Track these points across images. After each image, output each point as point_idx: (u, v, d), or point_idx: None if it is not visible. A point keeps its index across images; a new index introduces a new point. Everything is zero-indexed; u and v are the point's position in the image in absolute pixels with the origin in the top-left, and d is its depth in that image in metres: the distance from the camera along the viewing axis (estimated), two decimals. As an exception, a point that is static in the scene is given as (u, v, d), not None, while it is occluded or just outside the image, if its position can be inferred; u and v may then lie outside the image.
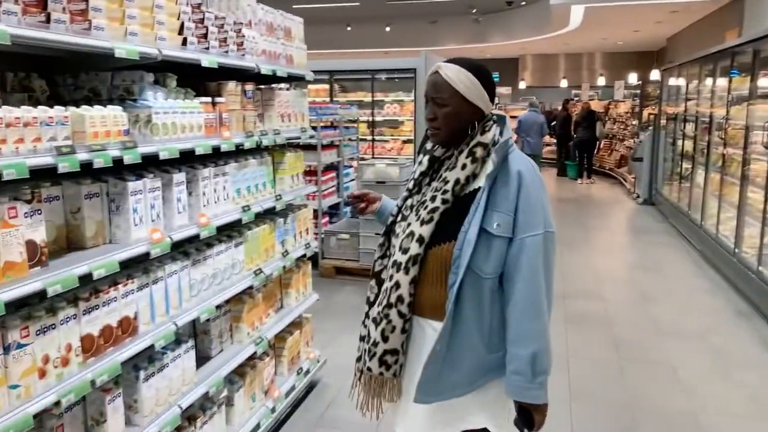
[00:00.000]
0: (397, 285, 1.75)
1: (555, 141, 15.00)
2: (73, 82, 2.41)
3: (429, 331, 1.79)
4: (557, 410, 3.65)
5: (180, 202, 2.49)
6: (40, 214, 1.85)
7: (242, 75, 2.97)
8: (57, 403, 1.87)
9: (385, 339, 1.78)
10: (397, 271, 1.75)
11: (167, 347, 2.43)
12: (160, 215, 2.36)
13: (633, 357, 4.45)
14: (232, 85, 2.85)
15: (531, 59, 21.12)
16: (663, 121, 10.92)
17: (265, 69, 3.04)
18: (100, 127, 2.02)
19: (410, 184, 1.89)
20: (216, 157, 2.86)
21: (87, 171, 2.03)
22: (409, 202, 1.87)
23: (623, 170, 13.50)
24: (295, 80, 3.61)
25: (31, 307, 1.90)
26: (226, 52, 2.75)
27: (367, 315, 1.90)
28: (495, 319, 1.75)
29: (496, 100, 6.61)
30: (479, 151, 1.76)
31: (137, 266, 2.35)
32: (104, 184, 2.21)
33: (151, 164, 2.41)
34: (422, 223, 1.75)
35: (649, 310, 5.48)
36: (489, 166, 1.75)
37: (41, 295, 1.83)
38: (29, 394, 1.80)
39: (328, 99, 8.86)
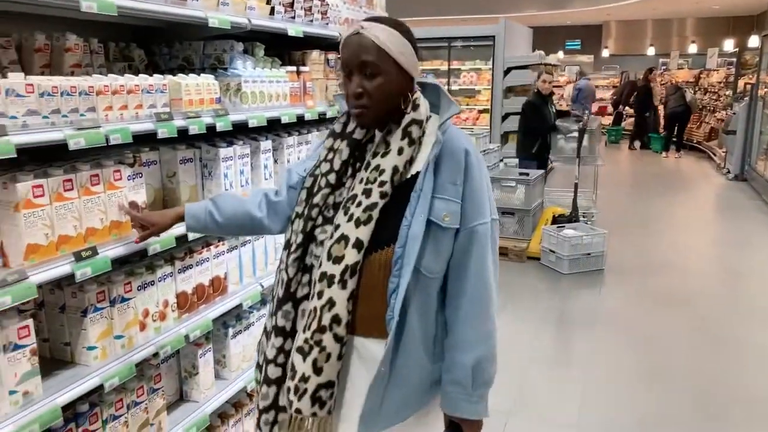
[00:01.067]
0: (331, 303, 1.43)
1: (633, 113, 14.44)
2: (168, 51, 2.51)
3: (363, 352, 1.50)
4: (636, 391, 3.57)
5: (266, 168, 2.57)
6: (141, 177, 1.97)
7: (325, 43, 3.00)
8: (155, 354, 2.00)
9: (318, 371, 1.44)
10: (329, 286, 1.43)
11: (253, 307, 2.54)
12: (248, 181, 2.45)
13: (719, 338, 4.26)
14: (315, 54, 2.89)
15: (615, 26, 20.08)
16: (761, 92, 10.17)
17: (348, 37, 3.05)
18: (194, 95, 2.11)
19: (331, 178, 1.53)
20: (298, 125, 2.92)
21: (181, 137, 2.12)
22: (331, 199, 1.53)
23: (712, 144, 12.74)
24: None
25: (133, 264, 2.03)
26: (311, 21, 2.78)
27: (281, 350, 1.54)
28: (440, 325, 1.51)
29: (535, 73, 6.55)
30: (415, 131, 1.46)
31: (226, 229, 2.46)
32: (197, 150, 2.30)
33: (238, 131, 2.50)
34: (358, 223, 1.43)
35: (738, 289, 5.21)
36: (427, 147, 1.48)
37: (141, 253, 1.95)
38: (132, 344, 1.94)
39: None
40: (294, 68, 2.73)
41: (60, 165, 1.73)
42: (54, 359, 1.86)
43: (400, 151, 1.46)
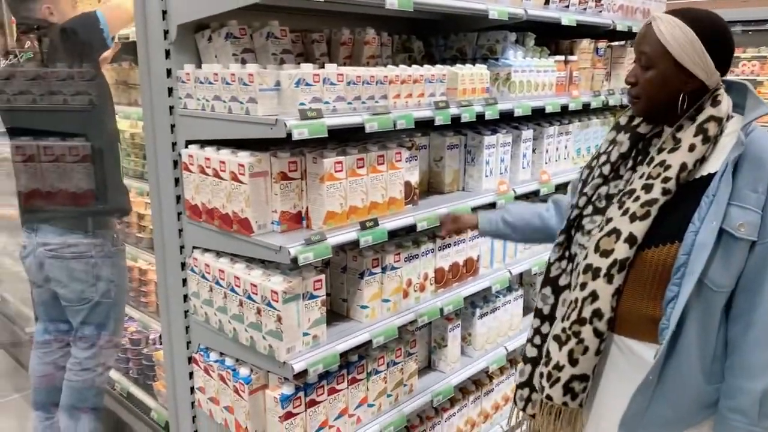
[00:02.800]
0: (594, 296, 1.42)
1: None
2: (443, 42, 2.68)
3: (627, 353, 1.46)
4: None
5: (525, 157, 2.61)
6: (415, 159, 2.15)
7: (595, 32, 2.91)
8: (413, 322, 2.19)
9: (573, 362, 1.47)
10: (594, 279, 1.42)
11: (500, 292, 2.62)
12: (507, 169, 2.51)
13: None
14: (585, 43, 2.82)
15: None
16: None
17: (621, 25, 2.92)
18: (468, 84, 2.23)
19: (605, 169, 1.53)
20: (560, 115, 2.89)
21: (447, 123, 2.26)
22: (603, 190, 1.52)
23: None
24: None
25: (401, 238, 2.24)
26: (585, 9, 2.72)
27: (537, 331, 1.62)
28: (720, 343, 1.39)
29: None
30: (712, 128, 1.37)
31: (482, 214, 2.56)
32: (463, 137, 2.44)
33: (501, 119, 2.57)
34: (633, 218, 1.39)
35: None
36: (725, 148, 1.37)
37: (409, 228, 2.14)
38: (396, 309, 2.15)
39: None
40: (562, 57, 2.70)
41: (354, 145, 1.98)
42: (333, 312, 2.15)
43: (692, 148, 1.38)
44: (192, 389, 2.21)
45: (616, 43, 3.16)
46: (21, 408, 3.34)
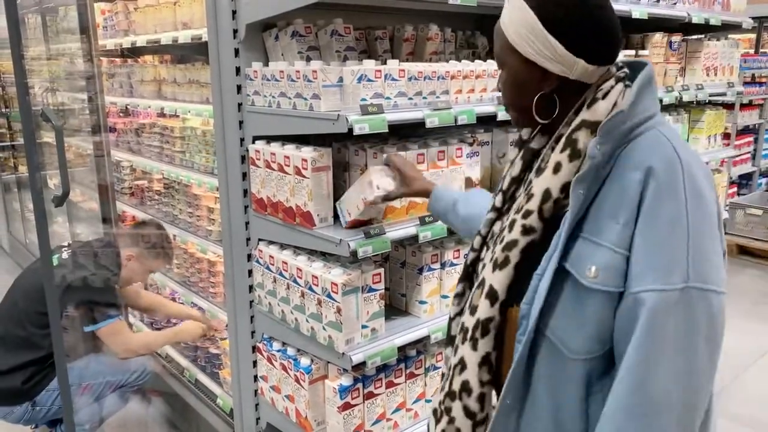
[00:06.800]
0: (462, 365, 1.11)
1: None
2: (508, 38, 2.65)
3: None
4: None
5: (592, 155, 2.54)
6: (477, 156, 2.14)
7: (670, 25, 2.80)
8: (472, 319, 2.18)
9: None
10: (463, 342, 1.11)
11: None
12: (572, 166, 2.45)
13: None
14: (658, 37, 2.72)
15: None
16: None
17: (697, 18, 2.79)
18: (532, 79, 2.19)
19: (497, 199, 1.17)
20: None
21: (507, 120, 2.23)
22: (497, 227, 1.16)
23: None
24: (728, 29, 3.23)
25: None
26: (657, 1, 2.62)
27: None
28: (594, 420, 1.01)
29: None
30: (582, 138, 0.99)
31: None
32: (527, 133, 2.40)
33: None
34: (495, 266, 1.06)
35: None
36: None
37: (469, 225, 2.13)
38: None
39: (752, 50, 7.62)
40: (632, 52, 2.62)
41: (415, 140, 1.99)
42: (391, 306, 2.17)
43: (557, 169, 1.01)
44: (255, 378, 2.28)
45: (693, 36, 3.03)
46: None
